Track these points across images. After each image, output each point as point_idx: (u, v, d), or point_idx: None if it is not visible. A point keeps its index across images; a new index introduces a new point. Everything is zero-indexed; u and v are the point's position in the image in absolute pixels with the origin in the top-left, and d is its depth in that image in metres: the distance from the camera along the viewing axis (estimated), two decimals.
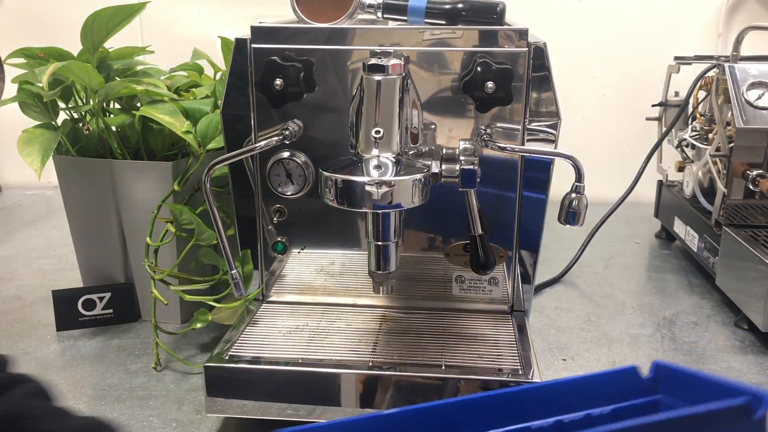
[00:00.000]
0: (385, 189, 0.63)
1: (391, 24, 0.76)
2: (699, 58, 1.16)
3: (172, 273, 0.87)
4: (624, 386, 0.53)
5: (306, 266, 0.83)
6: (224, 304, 0.85)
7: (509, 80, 0.69)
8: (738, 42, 1.06)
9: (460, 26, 0.72)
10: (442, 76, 0.74)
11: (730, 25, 1.46)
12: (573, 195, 0.68)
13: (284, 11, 0.77)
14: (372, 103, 0.66)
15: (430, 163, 0.69)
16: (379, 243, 0.69)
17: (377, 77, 0.65)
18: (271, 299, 0.85)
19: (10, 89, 0.98)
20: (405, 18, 0.74)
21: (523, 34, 0.72)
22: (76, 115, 0.95)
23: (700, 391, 0.50)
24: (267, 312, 0.82)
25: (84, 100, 0.95)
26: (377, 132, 0.65)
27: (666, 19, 1.47)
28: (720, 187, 1.03)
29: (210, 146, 0.88)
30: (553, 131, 0.75)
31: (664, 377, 0.53)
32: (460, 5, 0.72)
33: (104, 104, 0.93)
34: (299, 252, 0.83)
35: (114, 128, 0.94)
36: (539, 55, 0.72)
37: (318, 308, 0.83)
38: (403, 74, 0.67)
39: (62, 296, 0.94)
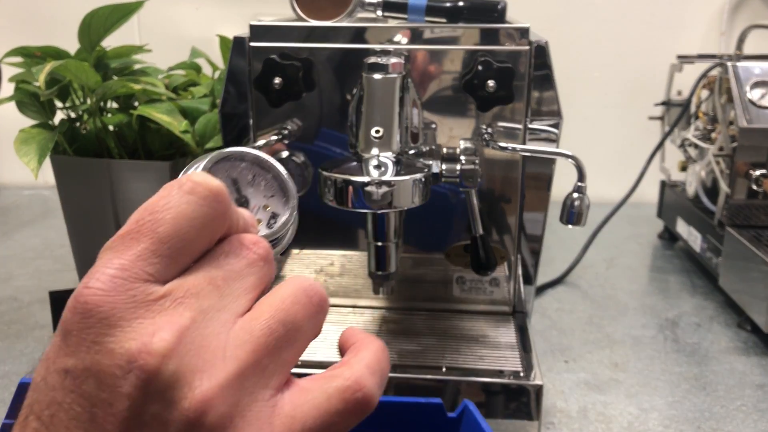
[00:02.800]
0: (385, 189, 0.62)
1: (391, 22, 0.75)
2: (702, 57, 1.15)
3: None
4: (427, 419, 0.52)
5: (306, 266, 0.83)
6: None
7: (510, 79, 0.69)
8: (741, 41, 1.05)
9: (460, 25, 0.72)
10: (442, 75, 0.73)
11: (733, 23, 1.46)
12: (575, 195, 0.68)
13: (283, 9, 0.76)
14: (372, 102, 0.65)
15: (430, 162, 0.68)
16: (379, 243, 0.68)
17: (377, 76, 0.65)
18: None
19: (7, 88, 0.98)
20: (405, 16, 0.73)
21: (524, 32, 0.71)
22: (73, 115, 0.95)
23: None
24: None
25: (81, 100, 0.94)
26: (377, 131, 0.64)
27: (668, 17, 1.47)
28: (723, 187, 1.02)
29: (208, 145, 0.87)
30: (555, 130, 0.74)
31: (467, 420, 0.52)
32: (461, 3, 0.71)
33: (101, 103, 0.92)
34: (299, 252, 0.82)
35: (111, 127, 0.93)
36: (541, 54, 0.72)
37: None
38: (403, 73, 0.66)
39: (59, 297, 0.93)
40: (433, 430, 0.53)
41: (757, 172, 0.98)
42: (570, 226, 0.69)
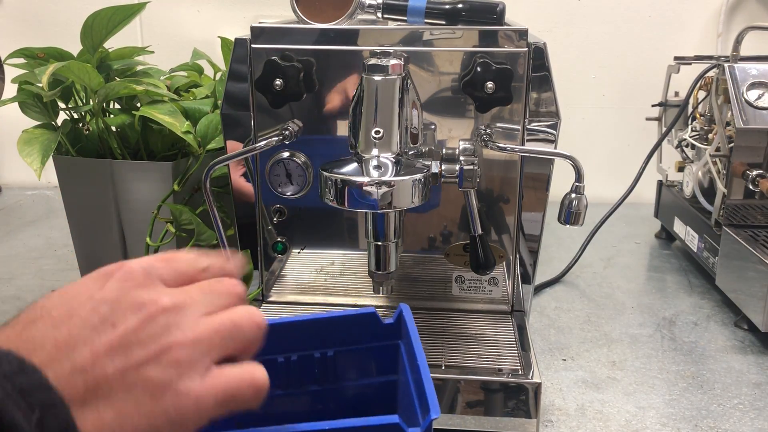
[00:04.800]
0: (384, 189, 0.63)
1: (391, 24, 0.76)
2: (699, 58, 1.16)
3: None
4: (365, 328, 0.55)
5: (306, 266, 0.83)
6: None
7: (509, 80, 0.69)
8: (738, 42, 1.06)
9: (459, 26, 0.72)
10: (441, 76, 0.74)
11: (730, 25, 1.47)
12: (573, 195, 0.68)
13: (284, 11, 0.77)
14: (372, 103, 0.66)
15: (430, 163, 0.69)
16: (379, 243, 0.69)
17: (377, 77, 0.65)
18: (271, 299, 0.85)
19: (10, 89, 0.98)
20: (405, 18, 0.74)
21: (522, 34, 0.72)
22: (76, 116, 0.95)
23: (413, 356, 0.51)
24: (267, 312, 0.82)
25: (84, 101, 0.95)
26: (377, 132, 0.65)
27: (666, 18, 1.47)
28: (720, 187, 1.03)
29: (210, 146, 0.88)
30: (553, 131, 0.75)
31: (405, 323, 0.55)
32: (459, 5, 0.72)
33: (104, 104, 0.93)
34: (299, 252, 0.83)
35: (114, 128, 0.94)
36: (539, 56, 0.72)
37: (318, 308, 0.83)
38: (403, 74, 0.67)
39: None
40: (374, 338, 0.56)
41: (754, 173, 0.99)
42: (568, 226, 0.70)
